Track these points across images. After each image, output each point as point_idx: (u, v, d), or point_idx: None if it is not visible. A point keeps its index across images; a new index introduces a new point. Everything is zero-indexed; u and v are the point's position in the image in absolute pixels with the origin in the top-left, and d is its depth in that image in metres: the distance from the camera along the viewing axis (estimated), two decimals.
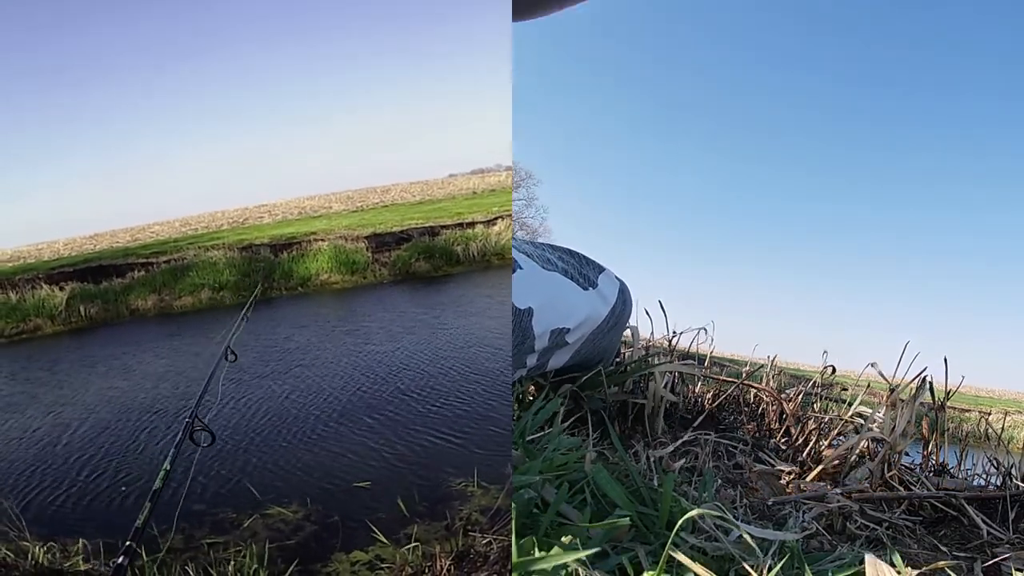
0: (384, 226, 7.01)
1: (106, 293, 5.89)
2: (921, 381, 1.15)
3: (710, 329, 1.48)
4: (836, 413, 1.30)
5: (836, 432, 1.23)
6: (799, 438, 1.21)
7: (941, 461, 1.15)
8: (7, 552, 1.51)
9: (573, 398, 1.19)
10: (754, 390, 1.40)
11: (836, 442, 1.20)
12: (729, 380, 1.39)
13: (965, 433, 1.27)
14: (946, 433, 1.16)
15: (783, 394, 1.34)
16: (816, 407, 1.36)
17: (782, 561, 0.62)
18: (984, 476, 1.15)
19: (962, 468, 1.19)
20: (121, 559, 0.63)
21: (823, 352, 1.45)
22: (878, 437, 1.09)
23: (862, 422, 1.22)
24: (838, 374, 1.52)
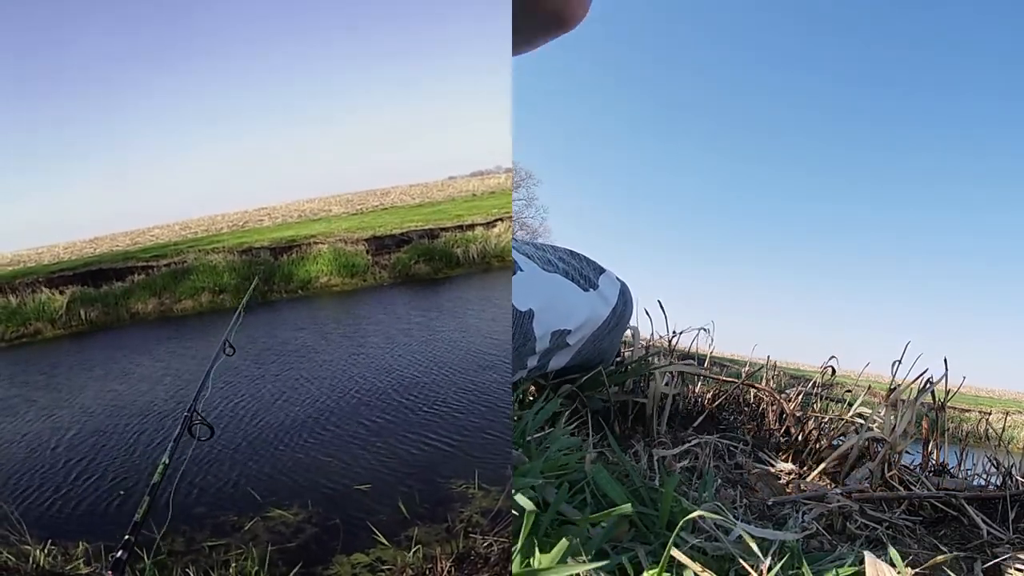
0: (384, 228, 7.01)
1: (106, 297, 5.89)
2: (922, 382, 1.15)
3: (710, 329, 1.48)
4: (836, 413, 1.30)
5: (836, 432, 1.23)
6: (799, 438, 1.21)
7: (941, 461, 1.15)
8: (8, 556, 1.51)
9: (573, 398, 1.19)
10: (754, 390, 1.40)
11: (836, 442, 1.20)
12: (729, 380, 1.39)
13: (965, 433, 1.27)
14: (946, 433, 1.16)
15: (783, 394, 1.34)
16: (816, 407, 1.36)
17: (782, 561, 0.62)
18: (984, 476, 1.15)
19: (962, 468, 1.20)
20: (120, 553, 0.63)
21: (830, 356, 1.45)
22: (878, 437, 1.09)
23: (862, 422, 1.22)
24: (838, 374, 1.52)
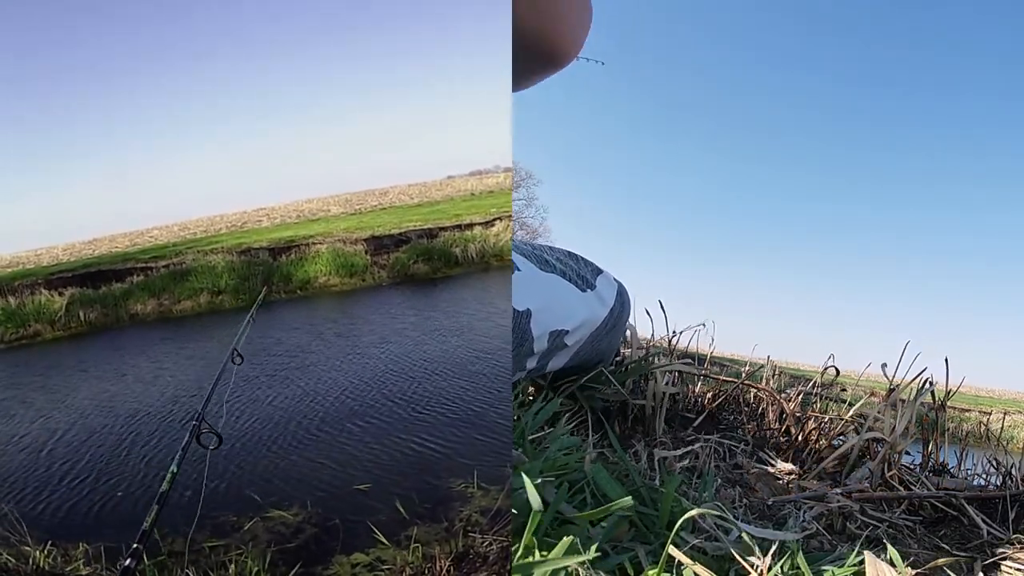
0: (382, 228, 7.01)
1: (105, 298, 5.88)
2: (922, 382, 1.15)
3: (709, 328, 1.48)
4: (836, 413, 1.30)
5: (836, 432, 1.23)
6: (799, 438, 1.21)
7: (941, 461, 1.15)
8: (8, 557, 1.51)
9: (573, 398, 1.19)
10: (754, 390, 1.40)
11: (836, 442, 1.20)
12: (729, 380, 1.39)
13: (965, 433, 1.27)
14: (946, 433, 1.16)
15: (783, 394, 1.34)
16: (816, 407, 1.36)
17: (782, 560, 0.62)
18: (984, 476, 1.15)
19: (962, 468, 1.19)
20: (128, 561, 0.63)
21: (829, 355, 1.44)
22: (878, 437, 1.09)
23: (862, 422, 1.22)
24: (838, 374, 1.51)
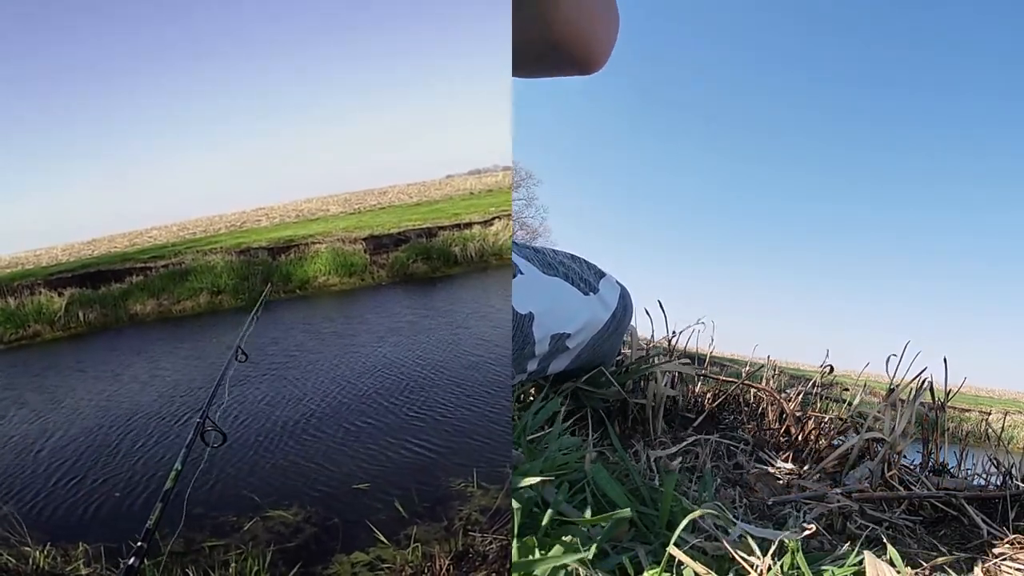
0: (382, 228, 7.02)
1: (105, 298, 5.88)
2: (922, 381, 1.15)
3: (708, 327, 1.48)
4: (836, 413, 1.30)
5: (836, 432, 1.23)
6: (799, 438, 1.21)
7: (941, 461, 1.15)
8: (8, 557, 1.51)
9: (573, 398, 1.19)
10: (754, 390, 1.40)
11: (836, 442, 1.20)
12: (729, 380, 1.39)
13: (965, 433, 1.27)
14: (946, 433, 1.16)
15: (783, 394, 1.35)
16: (816, 407, 1.36)
17: (781, 560, 0.62)
18: (984, 476, 1.15)
19: (962, 468, 1.19)
20: (132, 560, 0.63)
21: (826, 352, 1.45)
22: (878, 437, 1.09)
23: (862, 422, 1.22)
24: (838, 374, 1.52)
